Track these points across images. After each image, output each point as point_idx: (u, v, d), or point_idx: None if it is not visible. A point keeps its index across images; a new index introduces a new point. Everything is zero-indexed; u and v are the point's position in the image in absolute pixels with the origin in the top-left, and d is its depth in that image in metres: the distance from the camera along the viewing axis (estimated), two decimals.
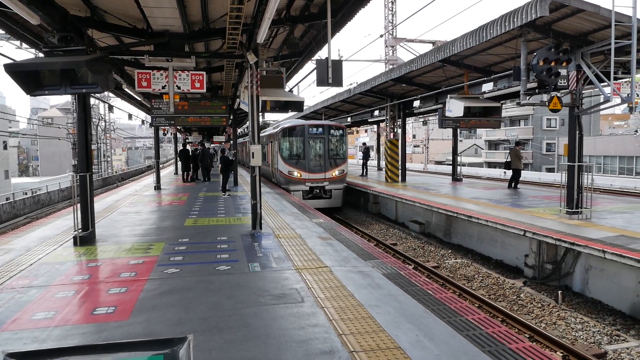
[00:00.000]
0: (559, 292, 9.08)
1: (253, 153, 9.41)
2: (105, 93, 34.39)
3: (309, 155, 19.05)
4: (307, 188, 18.91)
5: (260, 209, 9.83)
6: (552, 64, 9.89)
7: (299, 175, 18.83)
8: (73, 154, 38.57)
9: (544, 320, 8.26)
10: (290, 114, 25.90)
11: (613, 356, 6.84)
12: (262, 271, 6.66)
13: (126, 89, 14.82)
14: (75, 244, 8.50)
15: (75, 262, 7.39)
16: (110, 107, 28.90)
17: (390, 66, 29.32)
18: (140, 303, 5.36)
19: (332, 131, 19.50)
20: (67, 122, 43.54)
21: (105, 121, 48.37)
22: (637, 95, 10.70)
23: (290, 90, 16.22)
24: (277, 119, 32.45)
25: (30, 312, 5.13)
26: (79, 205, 8.68)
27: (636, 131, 44.36)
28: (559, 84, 10.48)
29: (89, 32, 8.51)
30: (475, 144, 63.40)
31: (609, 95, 10.00)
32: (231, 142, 23.50)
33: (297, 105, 11.56)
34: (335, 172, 19.27)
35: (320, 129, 19.36)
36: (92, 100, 37.10)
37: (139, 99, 17.73)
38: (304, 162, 18.97)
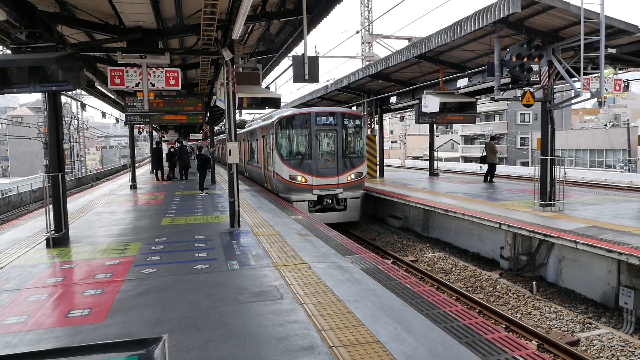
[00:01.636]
0: (534, 282, 9.27)
1: (230, 150, 9.34)
2: (78, 91, 33.69)
3: (316, 154, 14.65)
4: (314, 197, 14.57)
5: (238, 206, 9.77)
6: (525, 59, 10.08)
7: (303, 180, 14.47)
8: (45, 153, 37.68)
9: (519, 310, 8.43)
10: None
11: (585, 343, 7.02)
12: (240, 269, 6.62)
13: (99, 87, 14.54)
14: (48, 245, 8.31)
15: (49, 264, 7.23)
16: (83, 105, 28.26)
17: (367, 62, 29.43)
18: (117, 304, 5.28)
19: (346, 121, 15.04)
20: (37, 121, 42.51)
21: (77, 120, 47.38)
22: (606, 90, 10.99)
23: (267, 87, 16.12)
24: (262, 113, 27.80)
25: (1, 316, 4.99)
26: (51, 206, 8.49)
27: (606, 125, 45.55)
28: (531, 80, 10.68)
29: (59, 28, 8.31)
30: (451, 139, 64.18)
31: (579, 90, 10.25)
32: (209, 139, 23.11)
33: (274, 102, 11.53)
34: (351, 176, 14.87)
35: (331, 118, 14.92)
36: (64, 99, 36.31)
37: (113, 96, 17.43)
38: (310, 162, 14.59)
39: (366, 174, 15.72)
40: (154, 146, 24.09)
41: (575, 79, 10.38)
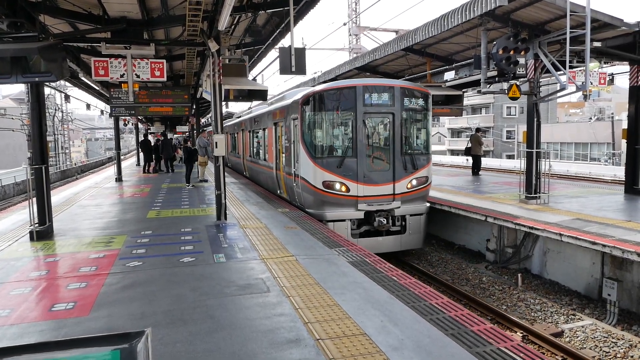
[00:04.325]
0: (519, 274, 9.38)
1: (216, 143, 9.27)
2: (61, 82, 33.18)
3: (363, 149, 10.18)
4: (359, 215, 10.20)
5: (225, 199, 9.71)
6: (511, 52, 10.11)
7: (343, 189, 10.06)
8: (28, 145, 37.12)
9: (504, 302, 8.53)
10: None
11: (569, 334, 7.13)
12: (227, 262, 6.59)
13: (83, 78, 14.31)
14: (31, 239, 8.19)
15: (32, 257, 7.13)
16: (67, 97, 27.83)
17: (354, 55, 29.38)
18: (102, 298, 5.22)
19: (407, 100, 10.50)
20: (21, 113, 41.83)
21: (62, 111, 46.75)
22: (591, 84, 11.08)
23: (254, 79, 16.00)
24: (250, 107, 22.81)
25: None
26: (35, 199, 8.37)
27: (590, 119, 46.09)
28: (517, 73, 10.74)
29: (41, 18, 8.15)
30: (438, 132, 64.46)
31: (564, 83, 10.33)
32: (206, 131, 22.66)
33: (260, 94, 11.46)
34: (413, 182, 10.49)
35: (385, 96, 10.29)
36: (47, 90, 35.73)
37: (97, 88, 17.20)
38: (355, 162, 10.12)
39: (431, 180, 11.15)
40: (142, 138, 23.87)
41: (561, 72, 10.45)
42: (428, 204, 11.07)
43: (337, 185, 10.06)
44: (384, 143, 10.50)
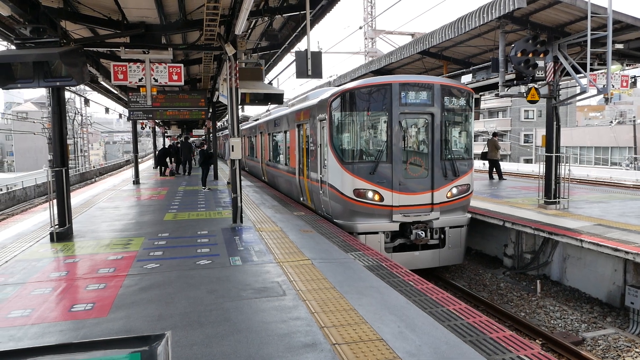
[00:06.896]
0: (538, 281, 9.23)
1: (232, 146, 9.32)
2: (81, 86, 33.75)
3: (399, 154, 9.31)
4: (394, 226, 9.32)
5: (241, 202, 9.74)
6: (530, 55, 10.01)
7: (376, 197, 9.20)
8: (49, 148, 37.84)
9: (523, 309, 8.40)
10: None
11: (591, 343, 6.99)
12: (243, 265, 6.61)
13: (102, 82, 14.54)
14: (52, 240, 8.33)
15: (52, 258, 7.24)
16: (87, 101, 28.33)
17: (370, 58, 29.36)
18: (120, 299, 5.27)
19: (447, 99, 9.62)
20: (42, 117, 42.66)
21: (81, 115, 47.53)
22: (613, 87, 10.90)
23: (270, 83, 16.06)
24: (269, 109, 21.68)
25: (6, 310, 5.00)
26: (55, 200, 8.50)
27: (611, 122, 45.33)
28: (536, 76, 10.62)
29: (63, 24, 8.31)
30: None
31: (585, 86, 10.16)
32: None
33: (276, 98, 11.49)
34: (453, 191, 9.65)
35: (424, 94, 9.39)
36: (68, 94, 36.37)
37: (116, 92, 17.45)
38: (389, 167, 9.25)
39: (473, 189, 10.28)
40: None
41: (582, 75, 10.30)
42: (469, 215, 10.16)
43: (370, 194, 9.17)
44: (422, 147, 9.61)
